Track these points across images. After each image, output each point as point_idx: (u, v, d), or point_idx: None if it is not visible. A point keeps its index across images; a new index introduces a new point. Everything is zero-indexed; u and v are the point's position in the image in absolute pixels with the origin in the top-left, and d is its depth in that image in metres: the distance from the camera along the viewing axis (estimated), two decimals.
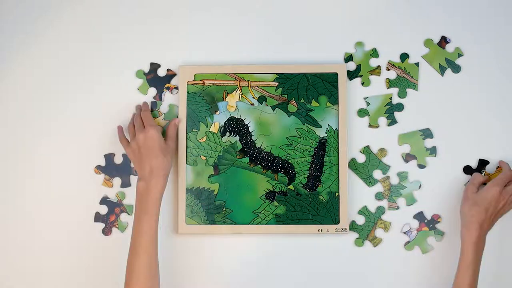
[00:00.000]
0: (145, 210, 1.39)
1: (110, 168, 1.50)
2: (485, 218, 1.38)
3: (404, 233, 1.48)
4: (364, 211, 1.47)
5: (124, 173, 1.50)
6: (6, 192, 1.50)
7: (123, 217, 1.49)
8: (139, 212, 1.39)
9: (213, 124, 1.50)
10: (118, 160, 1.50)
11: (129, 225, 1.48)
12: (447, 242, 1.48)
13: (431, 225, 1.48)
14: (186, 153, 1.49)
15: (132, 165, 1.49)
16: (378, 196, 1.48)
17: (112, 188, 1.50)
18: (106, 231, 1.49)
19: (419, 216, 1.48)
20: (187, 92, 1.50)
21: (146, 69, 1.51)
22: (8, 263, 1.49)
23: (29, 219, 1.49)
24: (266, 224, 1.48)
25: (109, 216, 1.49)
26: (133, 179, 1.50)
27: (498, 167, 1.46)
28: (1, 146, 1.51)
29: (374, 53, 1.51)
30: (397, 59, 1.50)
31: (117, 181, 1.50)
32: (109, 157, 1.50)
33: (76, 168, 1.50)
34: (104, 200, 1.49)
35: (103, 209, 1.49)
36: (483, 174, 1.47)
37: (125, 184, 1.50)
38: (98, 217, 1.49)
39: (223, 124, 1.50)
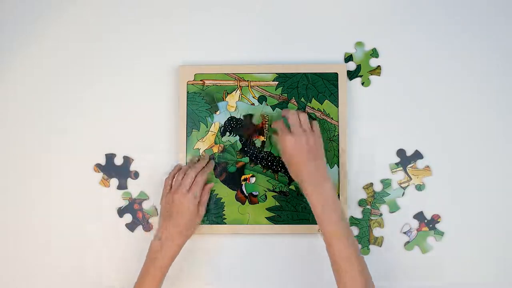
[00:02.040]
0: (153, 273, 1.38)
1: (109, 168, 1.50)
2: (296, 169, 1.38)
3: (404, 233, 1.48)
4: (353, 220, 1.47)
5: (122, 175, 1.50)
6: (6, 189, 1.50)
7: (145, 204, 1.49)
8: (145, 273, 1.39)
9: (213, 124, 1.50)
10: (119, 161, 1.50)
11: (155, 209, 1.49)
12: (447, 242, 1.47)
13: (431, 225, 1.47)
14: (186, 153, 1.49)
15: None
16: (361, 203, 1.48)
17: (108, 188, 1.49)
18: (146, 228, 1.49)
19: (419, 216, 1.48)
20: (187, 92, 1.50)
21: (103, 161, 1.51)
22: (6, 262, 1.49)
23: (28, 215, 1.49)
24: (266, 224, 1.48)
25: (136, 216, 1.49)
26: (130, 182, 1.49)
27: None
28: (1, 146, 1.51)
29: (374, 53, 1.51)
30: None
31: (114, 182, 1.50)
32: (110, 157, 1.50)
33: (75, 165, 1.50)
34: (122, 210, 1.49)
35: (129, 217, 1.49)
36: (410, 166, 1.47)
37: (122, 186, 1.50)
38: (130, 226, 1.50)
39: (223, 124, 1.50)
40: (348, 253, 1.31)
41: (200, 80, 1.50)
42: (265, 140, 1.48)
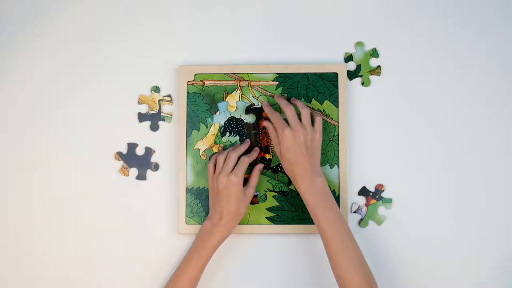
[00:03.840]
0: (199, 251, 1.39)
1: (130, 158, 1.50)
2: (291, 165, 1.38)
3: (355, 212, 1.48)
4: None
5: (143, 166, 1.50)
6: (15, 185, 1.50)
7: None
8: (193, 251, 1.40)
9: (213, 124, 1.50)
10: (140, 151, 1.50)
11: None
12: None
13: (377, 196, 1.48)
14: (186, 153, 1.49)
15: None
16: None
17: (127, 177, 1.49)
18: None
19: (363, 191, 1.48)
20: (187, 93, 1.50)
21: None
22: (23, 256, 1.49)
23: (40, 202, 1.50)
24: (266, 224, 1.48)
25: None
26: (150, 173, 1.49)
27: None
28: (1, 146, 1.51)
29: (374, 53, 1.51)
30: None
31: (133, 171, 1.50)
32: (132, 146, 1.50)
33: (73, 166, 1.50)
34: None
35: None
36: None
37: (141, 177, 1.50)
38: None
39: (223, 124, 1.50)
40: (345, 245, 1.33)
41: (200, 81, 1.50)
42: (271, 157, 1.48)
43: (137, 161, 1.50)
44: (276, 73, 1.50)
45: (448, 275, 1.48)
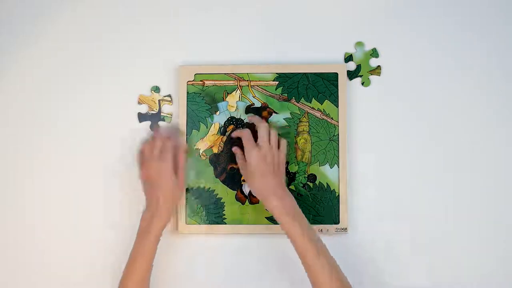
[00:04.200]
0: (142, 251, 1.38)
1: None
2: (260, 183, 1.38)
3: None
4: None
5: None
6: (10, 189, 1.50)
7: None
8: (136, 251, 1.39)
9: (213, 124, 1.50)
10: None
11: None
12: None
13: None
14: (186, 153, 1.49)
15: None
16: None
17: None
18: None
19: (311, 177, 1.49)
20: (187, 93, 1.50)
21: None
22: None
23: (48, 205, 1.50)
24: (266, 224, 1.48)
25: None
26: None
27: None
28: (1, 146, 1.51)
29: (374, 53, 1.51)
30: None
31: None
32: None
33: (72, 166, 1.50)
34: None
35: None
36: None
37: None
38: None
39: (223, 124, 1.50)
40: (321, 261, 1.33)
41: (200, 81, 1.50)
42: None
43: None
44: (276, 73, 1.50)
45: (448, 274, 1.48)
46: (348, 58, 1.51)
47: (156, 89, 1.51)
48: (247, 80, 1.50)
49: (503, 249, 1.48)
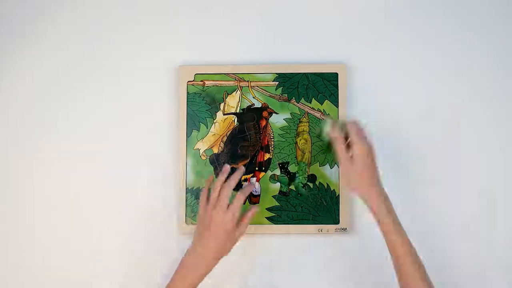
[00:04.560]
0: None
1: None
2: (370, 174, 1.31)
3: None
4: None
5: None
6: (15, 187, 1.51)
7: None
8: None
9: (214, 124, 1.50)
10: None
11: None
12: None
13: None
14: (186, 153, 1.49)
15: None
16: None
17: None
18: None
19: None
20: (187, 93, 1.50)
21: None
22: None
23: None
24: (266, 224, 1.48)
25: None
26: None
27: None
28: (1, 146, 1.51)
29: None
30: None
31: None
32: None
33: (71, 166, 1.50)
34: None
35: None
36: None
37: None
38: None
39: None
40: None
41: (200, 81, 1.50)
42: (271, 157, 1.47)
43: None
44: (276, 73, 1.50)
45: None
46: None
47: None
48: (247, 81, 1.50)
49: (502, 249, 1.48)
